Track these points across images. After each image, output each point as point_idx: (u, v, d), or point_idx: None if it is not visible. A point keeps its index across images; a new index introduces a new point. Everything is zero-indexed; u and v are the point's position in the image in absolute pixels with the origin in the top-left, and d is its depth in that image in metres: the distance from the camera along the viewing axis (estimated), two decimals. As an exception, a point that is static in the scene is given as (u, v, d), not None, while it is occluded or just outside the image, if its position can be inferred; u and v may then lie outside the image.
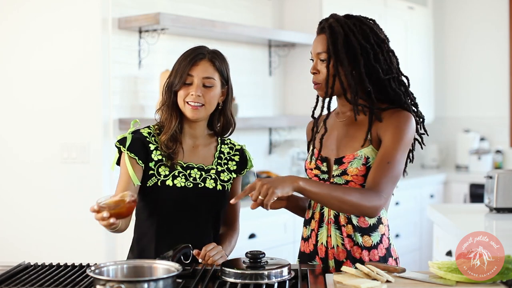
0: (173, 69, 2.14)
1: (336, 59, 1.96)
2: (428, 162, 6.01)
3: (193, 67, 2.09)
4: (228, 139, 2.26)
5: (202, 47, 2.15)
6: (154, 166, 2.10)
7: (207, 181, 2.13)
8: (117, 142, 2.12)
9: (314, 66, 2.02)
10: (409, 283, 1.73)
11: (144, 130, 2.15)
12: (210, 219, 2.14)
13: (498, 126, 5.79)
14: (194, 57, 2.10)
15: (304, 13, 4.70)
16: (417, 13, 5.70)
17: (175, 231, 2.09)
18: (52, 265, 1.95)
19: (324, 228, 2.02)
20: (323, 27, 2.01)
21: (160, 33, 3.70)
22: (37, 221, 3.67)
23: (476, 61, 5.91)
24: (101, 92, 3.50)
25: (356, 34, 1.97)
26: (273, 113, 4.79)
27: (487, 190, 3.20)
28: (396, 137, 1.94)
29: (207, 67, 2.11)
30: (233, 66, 4.54)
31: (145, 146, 2.11)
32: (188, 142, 2.16)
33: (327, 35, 1.98)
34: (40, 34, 3.67)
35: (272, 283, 1.72)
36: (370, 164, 1.95)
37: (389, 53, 2.02)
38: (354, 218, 1.98)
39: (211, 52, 2.14)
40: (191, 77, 2.09)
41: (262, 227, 3.75)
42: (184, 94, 2.09)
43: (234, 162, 2.21)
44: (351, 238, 1.98)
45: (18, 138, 3.73)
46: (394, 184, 1.93)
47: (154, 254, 2.08)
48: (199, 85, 2.09)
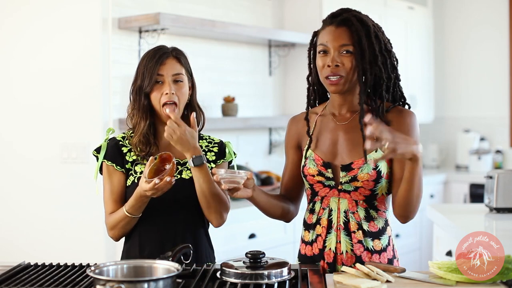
0: (138, 73, 2.14)
1: (370, 52, 1.93)
2: (428, 162, 6.01)
3: (161, 66, 2.11)
4: (207, 136, 2.26)
5: (163, 47, 2.17)
6: (131, 166, 2.14)
7: (183, 172, 2.14)
8: (94, 151, 2.18)
9: (335, 59, 1.93)
10: (409, 283, 1.73)
11: (119, 135, 2.20)
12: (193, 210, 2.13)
13: (498, 126, 5.79)
14: (160, 57, 2.12)
15: (304, 13, 4.70)
16: (417, 13, 5.70)
17: (159, 225, 2.11)
18: (52, 265, 1.95)
19: (332, 234, 1.99)
20: (347, 20, 1.94)
21: (160, 33, 3.70)
22: (37, 221, 3.67)
23: (476, 61, 5.91)
24: (101, 92, 3.51)
25: (381, 30, 1.99)
26: (273, 113, 4.79)
27: (487, 190, 3.20)
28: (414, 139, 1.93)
29: (174, 64, 2.13)
30: (233, 66, 4.58)
31: (119, 151, 2.15)
32: (163, 139, 2.16)
33: (354, 27, 1.92)
34: (40, 34, 3.67)
35: (272, 283, 1.71)
36: (379, 168, 1.94)
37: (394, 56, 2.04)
38: (364, 224, 1.96)
39: (174, 50, 2.17)
40: (161, 77, 2.11)
41: (262, 227, 3.75)
42: (158, 95, 2.10)
43: (213, 153, 2.21)
44: (362, 243, 1.96)
45: (18, 138, 3.74)
46: None
47: (138, 250, 2.11)
48: (171, 83, 2.11)
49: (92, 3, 3.53)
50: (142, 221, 2.12)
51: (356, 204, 1.97)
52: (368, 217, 1.97)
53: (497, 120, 5.79)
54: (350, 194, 1.97)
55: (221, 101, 4.25)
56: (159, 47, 2.18)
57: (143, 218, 2.11)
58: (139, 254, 2.11)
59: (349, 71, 1.93)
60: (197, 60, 3.95)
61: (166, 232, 2.10)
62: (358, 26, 1.93)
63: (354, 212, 1.97)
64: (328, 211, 2.01)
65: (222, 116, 4.20)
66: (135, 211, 2.06)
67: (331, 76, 1.94)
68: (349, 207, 1.98)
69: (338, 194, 1.99)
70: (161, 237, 2.10)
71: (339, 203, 1.99)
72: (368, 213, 1.97)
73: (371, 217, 1.97)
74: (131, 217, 2.07)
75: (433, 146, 5.99)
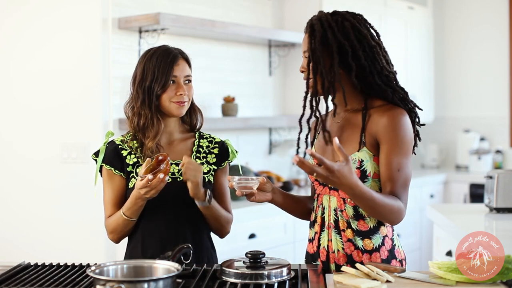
0: (146, 71, 2.11)
1: (313, 57, 1.94)
2: (428, 162, 6.01)
3: (175, 67, 2.11)
4: (207, 134, 2.27)
5: (170, 47, 2.18)
6: (132, 168, 2.13)
7: None
8: (93, 155, 2.18)
9: (302, 65, 2.01)
10: (409, 283, 1.73)
11: (117, 138, 2.19)
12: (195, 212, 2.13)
13: (498, 126, 5.79)
14: (173, 58, 2.12)
15: (304, 13, 4.70)
16: (417, 13, 5.70)
17: (161, 227, 2.11)
18: (52, 265, 1.95)
19: (325, 232, 2.01)
20: (310, 25, 1.99)
21: (160, 33, 3.70)
22: (37, 221, 3.67)
23: (476, 61, 5.91)
24: (101, 92, 3.51)
25: (335, 31, 1.94)
26: (273, 113, 4.79)
27: (487, 190, 3.20)
28: (397, 140, 1.91)
29: (185, 65, 2.15)
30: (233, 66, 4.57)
31: (119, 154, 2.14)
32: (163, 139, 2.17)
33: (311, 33, 1.96)
34: (40, 34, 3.67)
35: (272, 283, 1.71)
36: (364, 167, 1.93)
37: (373, 48, 1.96)
38: (353, 223, 1.96)
39: (181, 51, 2.18)
40: (175, 78, 2.12)
41: (262, 227, 3.75)
42: (170, 95, 2.10)
43: (213, 155, 2.21)
44: (352, 242, 1.96)
45: (18, 138, 3.74)
46: (408, 187, 1.95)
47: (141, 251, 2.11)
48: (183, 84, 2.12)
49: (92, 3, 3.53)
50: (144, 223, 2.12)
51: (344, 202, 1.97)
52: (357, 215, 1.96)
53: (497, 120, 5.79)
54: (338, 192, 1.98)
55: (221, 101, 4.25)
56: (166, 47, 2.16)
57: (145, 220, 2.11)
58: (141, 256, 2.11)
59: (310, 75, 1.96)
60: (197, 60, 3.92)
61: (169, 234, 2.10)
62: (312, 30, 1.95)
63: (342, 210, 1.97)
64: (321, 209, 2.02)
65: (222, 116, 4.20)
66: (132, 214, 2.05)
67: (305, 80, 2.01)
68: (338, 205, 1.98)
69: (329, 191, 2.01)
70: (163, 239, 2.10)
71: (330, 201, 2.00)
72: (356, 211, 1.96)
73: (360, 215, 1.96)
74: (128, 220, 2.07)
75: (433, 146, 5.99)
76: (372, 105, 1.98)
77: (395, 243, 2.01)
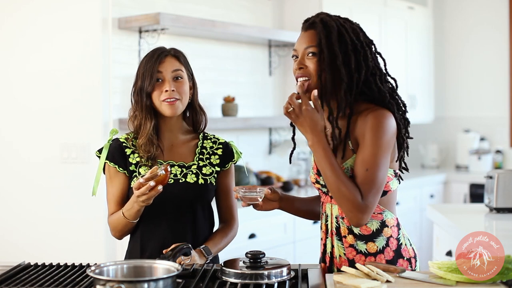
0: (138, 75, 2.15)
1: (329, 53, 1.90)
2: (428, 162, 6.01)
3: (160, 64, 2.12)
4: (212, 135, 2.27)
5: (162, 47, 2.19)
6: (135, 168, 2.13)
7: (188, 176, 2.14)
8: (97, 152, 2.18)
9: (301, 61, 1.95)
10: (409, 283, 1.73)
11: (122, 136, 2.19)
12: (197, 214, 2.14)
13: (498, 126, 5.79)
14: (159, 56, 2.13)
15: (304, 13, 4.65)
16: (417, 13, 5.70)
17: (162, 228, 2.11)
18: (52, 265, 1.95)
19: (329, 239, 2.02)
20: (313, 23, 1.96)
21: (160, 33, 3.70)
22: (37, 221, 3.67)
23: (476, 61, 5.91)
24: (101, 92, 3.51)
25: (348, 30, 1.94)
26: (273, 113, 4.79)
27: (487, 190, 3.20)
28: (373, 139, 1.85)
29: (173, 61, 2.15)
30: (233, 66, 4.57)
31: (123, 152, 2.15)
32: (166, 141, 2.18)
33: (318, 30, 1.93)
34: (40, 34, 3.67)
35: (272, 283, 1.72)
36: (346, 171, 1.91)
37: (377, 54, 1.99)
38: (355, 228, 1.95)
39: (172, 49, 2.18)
40: (160, 74, 2.12)
41: (262, 227, 3.75)
42: (158, 93, 2.11)
43: (217, 156, 2.22)
44: (354, 247, 1.96)
45: (18, 138, 3.74)
46: (377, 192, 1.85)
47: (141, 251, 2.11)
48: (170, 80, 2.12)
49: (92, 3, 3.53)
50: (144, 223, 2.12)
51: None
52: None
53: (497, 120, 5.79)
54: None
55: (221, 101, 4.26)
56: (158, 48, 2.19)
57: (145, 220, 2.11)
58: (141, 256, 2.11)
59: (314, 73, 1.93)
60: (197, 60, 3.95)
61: (169, 234, 2.10)
62: (326, 26, 1.93)
63: (343, 218, 1.96)
64: (325, 216, 2.04)
65: (222, 116, 4.20)
66: (130, 216, 2.05)
67: (299, 78, 1.97)
68: (339, 212, 1.97)
69: (330, 200, 2.01)
70: (163, 239, 2.10)
71: (332, 209, 2.00)
72: None
73: None
74: (128, 221, 2.07)
75: (433, 146, 5.99)
76: (358, 109, 1.94)
77: (401, 242, 1.99)
